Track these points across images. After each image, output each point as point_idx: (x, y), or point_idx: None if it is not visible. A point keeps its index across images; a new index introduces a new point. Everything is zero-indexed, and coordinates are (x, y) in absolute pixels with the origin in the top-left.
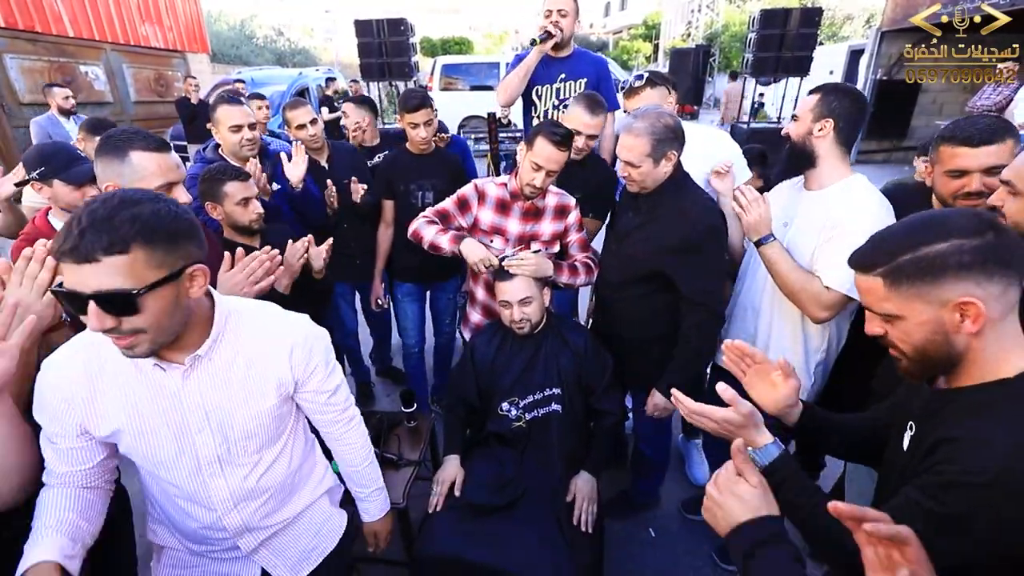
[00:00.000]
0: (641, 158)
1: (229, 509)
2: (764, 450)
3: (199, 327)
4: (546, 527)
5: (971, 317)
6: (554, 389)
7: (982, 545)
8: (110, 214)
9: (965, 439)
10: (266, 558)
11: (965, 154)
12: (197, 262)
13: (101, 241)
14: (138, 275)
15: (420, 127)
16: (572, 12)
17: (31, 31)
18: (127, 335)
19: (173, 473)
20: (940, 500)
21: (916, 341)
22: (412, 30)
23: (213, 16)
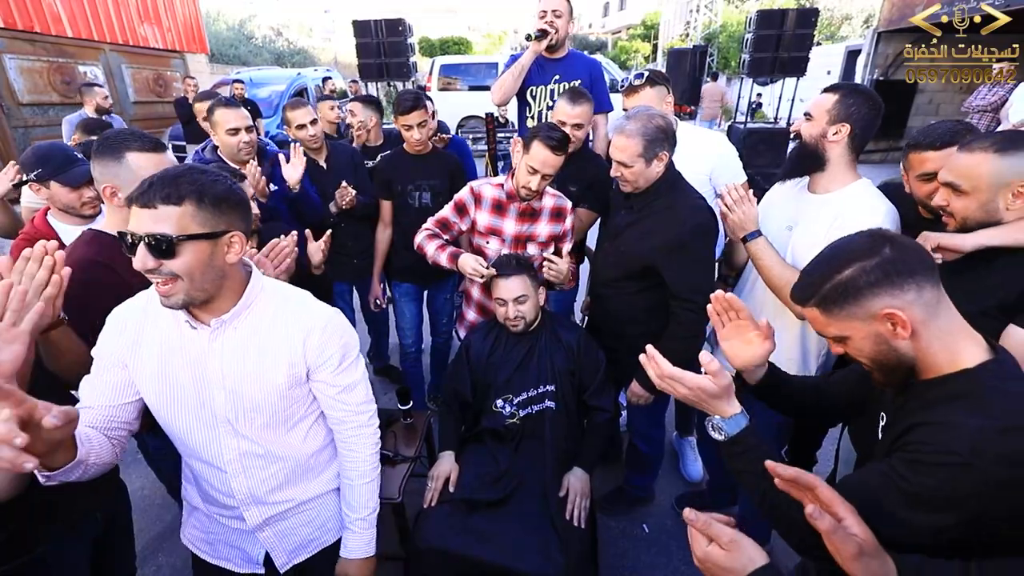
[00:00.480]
0: (633, 158)
1: (238, 472)
2: (733, 420)
3: (231, 293)
4: (539, 522)
5: (900, 324)
6: (548, 386)
7: (950, 520)
8: (177, 174)
9: (936, 423)
10: (269, 539)
11: (931, 158)
12: (241, 231)
13: (162, 192)
14: (182, 225)
15: (414, 129)
16: (566, 13)
17: (30, 31)
18: (166, 279)
19: (193, 428)
20: (907, 478)
21: (868, 354)
22: (410, 30)
23: (212, 16)
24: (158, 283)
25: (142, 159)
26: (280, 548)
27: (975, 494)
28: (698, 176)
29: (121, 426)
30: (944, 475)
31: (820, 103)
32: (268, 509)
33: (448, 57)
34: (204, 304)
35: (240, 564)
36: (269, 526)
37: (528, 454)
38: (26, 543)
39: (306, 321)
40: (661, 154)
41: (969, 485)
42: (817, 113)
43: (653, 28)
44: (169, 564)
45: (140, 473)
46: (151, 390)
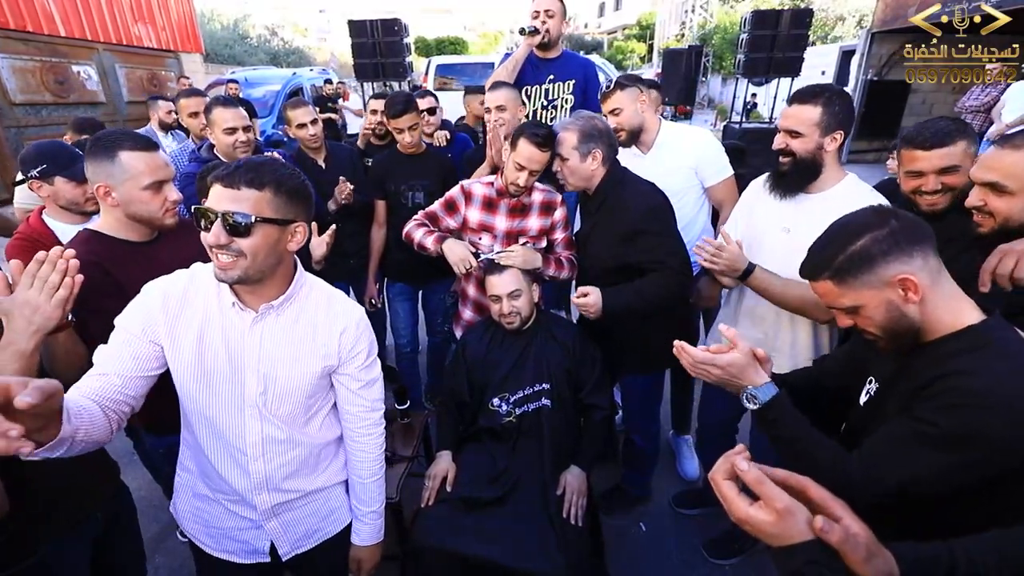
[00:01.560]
0: (568, 151)
1: (258, 455)
2: (763, 389)
3: (281, 281)
4: (536, 520)
5: (911, 289)
6: (544, 384)
7: (975, 465)
8: (261, 163)
9: (958, 372)
10: (275, 529)
11: (920, 157)
12: (305, 223)
13: (246, 176)
14: (259, 209)
15: (405, 132)
16: (559, 13)
17: (23, 31)
18: (232, 255)
19: (221, 409)
20: (937, 423)
21: (880, 322)
22: (406, 30)
23: (206, 16)
24: (222, 259)
25: (135, 158)
26: (285, 538)
27: (1005, 430)
28: (683, 169)
29: (127, 400)
30: (974, 415)
31: (803, 118)
32: (279, 496)
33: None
34: (254, 286)
35: (243, 556)
36: (277, 516)
37: (525, 452)
38: (26, 545)
39: (343, 316)
40: (595, 151)
41: (1000, 423)
42: (805, 129)
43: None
44: (167, 565)
45: (136, 475)
46: (184, 368)
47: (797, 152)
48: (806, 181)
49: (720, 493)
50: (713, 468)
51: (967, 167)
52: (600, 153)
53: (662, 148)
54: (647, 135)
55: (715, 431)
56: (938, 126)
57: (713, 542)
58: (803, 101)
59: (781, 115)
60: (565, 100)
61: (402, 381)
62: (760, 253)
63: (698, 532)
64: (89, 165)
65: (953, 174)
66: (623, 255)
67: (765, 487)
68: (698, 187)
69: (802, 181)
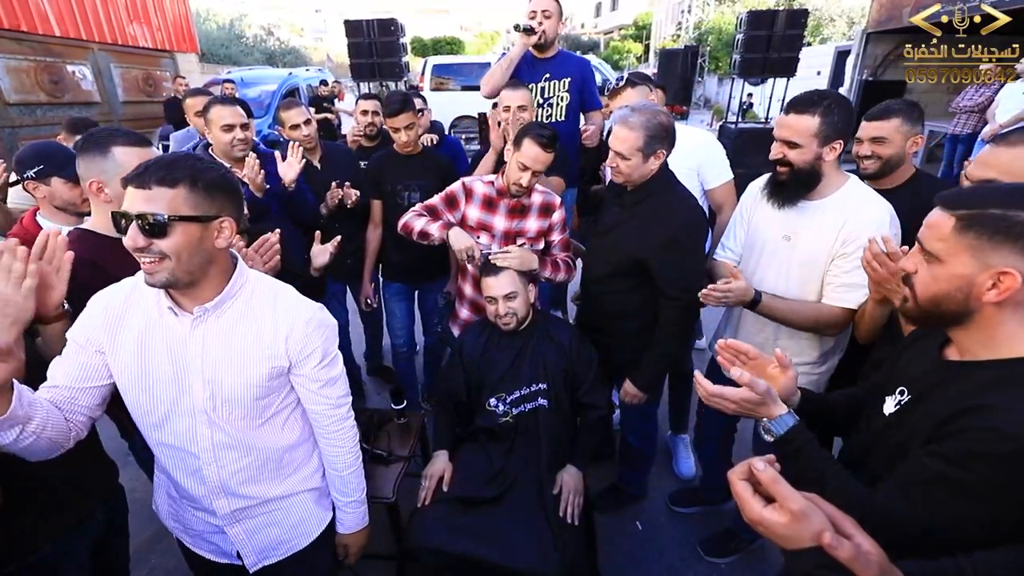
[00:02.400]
0: (632, 151)
1: (210, 460)
2: (779, 420)
3: (216, 280)
4: (533, 519)
5: (1000, 288)
6: (540, 384)
7: (1006, 515)
8: (173, 159)
9: (997, 408)
10: (238, 536)
11: (861, 126)
12: (231, 218)
13: (157, 174)
14: (175, 207)
15: (401, 131)
16: (556, 13)
17: (16, 30)
18: (154, 258)
19: (169, 416)
20: (969, 468)
21: (939, 289)
22: (402, 30)
23: (202, 16)
24: (145, 262)
25: (128, 153)
26: (250, 547)
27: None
28: (685, 170)
29: (82, 410)
30: (1004, 464)
31: (801, 129)
32: (237, 501)
33: (440, 57)
34: (187, 288)
35: (218, 556)
36: (239, 522)
37: (522, 452)
38: (24, 543)
39: (290, 315)
40: (659, 151)
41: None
42: (803, 140)
43: (645, 28)
44: (162, 566)
45: (131, 475)
46: (127, 376)
47: (795, 163)
48: (805, 191)
49: (735, 493)
50: (735, 467)
51: (897, 141)
52: (664, 152)
53: None
54: None
55: (714, 431)
56: (884, 104)
57: (709, 541)
58: (800, 110)
59: (777, 123)
60: (561, 98)
61: (398, 381)
62: (761, 261)
63: (694, 531)
64: (81, 162)
65: (880, 144)
66: (645, 257)
67: (780, 487)
68: (698, 189)
69: (801, 191)
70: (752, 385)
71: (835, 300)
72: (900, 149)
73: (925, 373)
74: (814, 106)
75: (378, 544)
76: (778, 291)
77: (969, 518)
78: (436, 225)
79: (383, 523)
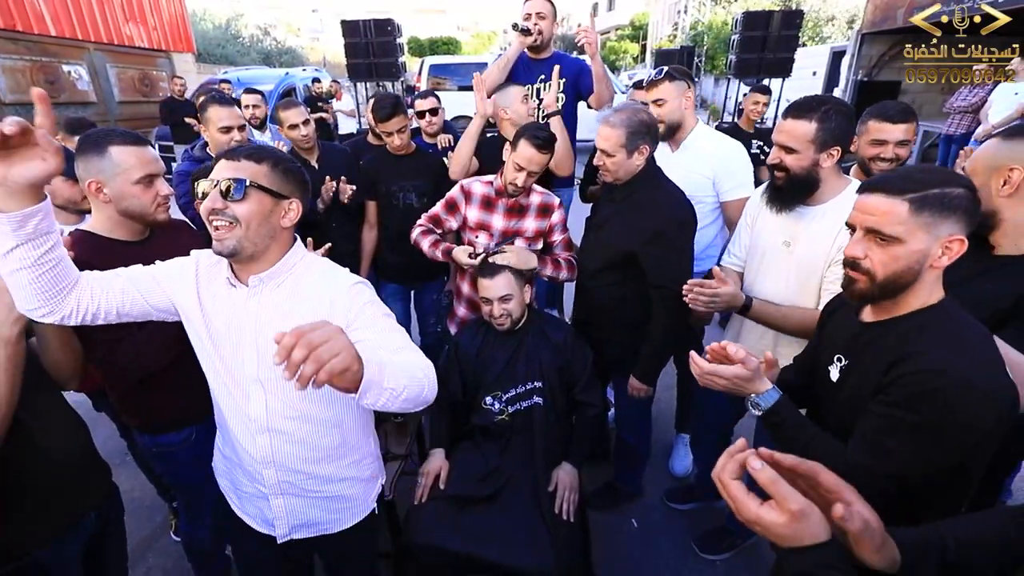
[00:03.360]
0: (615, 148)
1: (262, 429)
2: (766, 395)
3: (275, 256)
4: (528, 516)
5: (951, 253)
6: (536, 383)
7: (950, 450)
8: (264, 146)
9: (921, 352)
10: (279, 508)
11: (886, 129)
12: (300, 202)
13: (247, 151)
14: (256, 177)
15: (394, 135)
16: (550, 15)
17: (12, 30)
18: (227, 223)
19: (228, 383)
20: (916, 409)
21: (898, 267)
22: (399, 30)
23: (198, 15)
24: (217, 227)
25: (125, 152)
26: (285, 520)
27: (968, 409)
28: (700, 178)
29: (104, 295)
30: (941, 400)
31: (798, 135)
32: (285, 474)
33: (437, 57)
34: (249, 261)
35: (259, 523)
36: (284, 495)
37: (517, 450)
38: (21, 545)
39: (334, 285)
40: (642, 147)
41: (963, 406)
42: (799, 145)
43: (642, 29)
44: (159, 566)
45: (128, 475)
46: (195, 332)
47: (791, 168)
48: (802, 196)
49: (728, 493)
50: (717, 467)
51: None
52: (648, 148)
53: (688, 150)
54: (681, 133)
55: (712, 432)
56: (900, 105)
57: (704, 538)
58: (798, 116)
59: (776, 128)
60: (556, 99)
61: None
62: (762, 267)
63: (689, 528)
64: (79, 162)
65: (906, 146)
66: (634, 250)
67: (779, 487)
68: (713, 199)
69: (798, 196)
70: (746, 361)
71: None
72: (910, 151)
73: (854, 337)
74: (811, 112)
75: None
76: (778, 296)
77: (932, 461)
78: (440, 252)
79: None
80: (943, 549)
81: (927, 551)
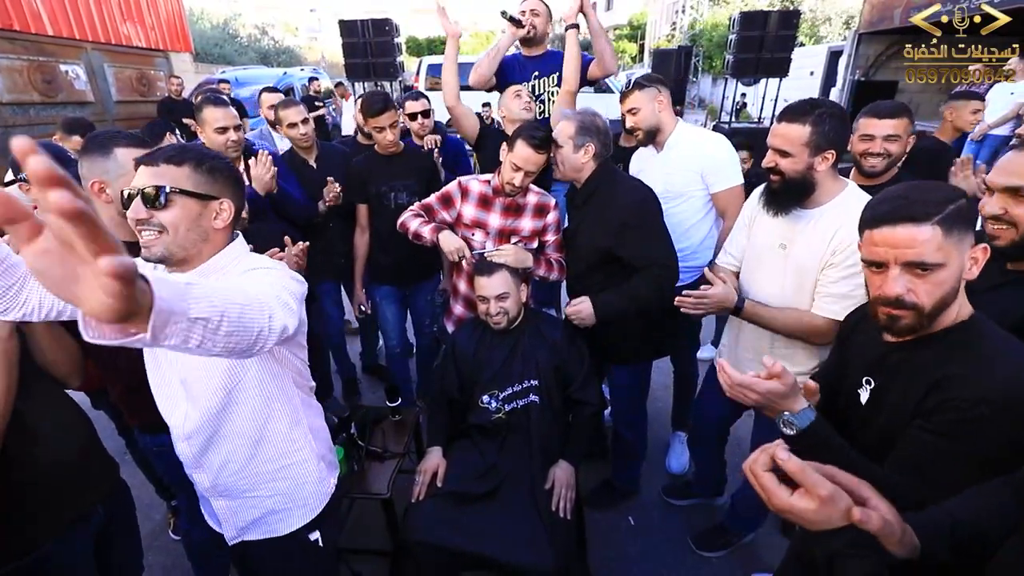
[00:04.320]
0: (564, 139)
1: (185, 435)
2: (801, 415)
3: (206, 258)
4: (526, 514)
5: (977, 263)
6: (532, 381)
7: (999, 471)
8: (184, 146)
9: (963, 376)
10: (222, 510)
11: (873, 124)
12: (231, 202)
13: (167, 154)
14: (177, 182)
15: (386, 130)
16: (544, 14)
17: (9, 29)
18: (154, 231)
19: (156, 387)
20: (961, 437)
21: (943, 292)
22: (397, 30)
23: (195, 15)
24: (144, 236)
25: (130, 154)
26: (231, 522)
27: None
28: (689, 174)
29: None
30: (985, 425)
31: (792, 138)
32: (214, 476)
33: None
34: (179, 264)
35: (215, 524)
36: (222, 497)
37: (514, 448)
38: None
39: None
40: (588, 145)
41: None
42: (794, 149)
43: (640, 29)
44: (160, 564)
45: (127, 473)
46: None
47: (786, 172)
48: (798, 199)
49: (760, 484)
50: (749, 460)
51: (904, 140)
52: (593, 148)
53: (673, 149)
54: (661, 135)
55: (711, 430)
56: (891, 103)
57: (701, 535)
58: (792, 119)
59: (771, 132)
60: (551, 94)
61: (393, 379)
62: (759, 270)
63: (686, 526)
64: (84, 162)
65: (894, 141)
66: (609, 249)
67: (808, 475)
68: (703, 193)
69: (793, 200)
70: (783, 376)
71: (820, 309)
72: (904, 148)
73: (882, 357)
74: (805, 115)
75: (373, 540)
76: (774, 298)
77: (980, 480)
78: (428, 228)
79: (378, 519)
80: (953, 528)
81: (938, 533)
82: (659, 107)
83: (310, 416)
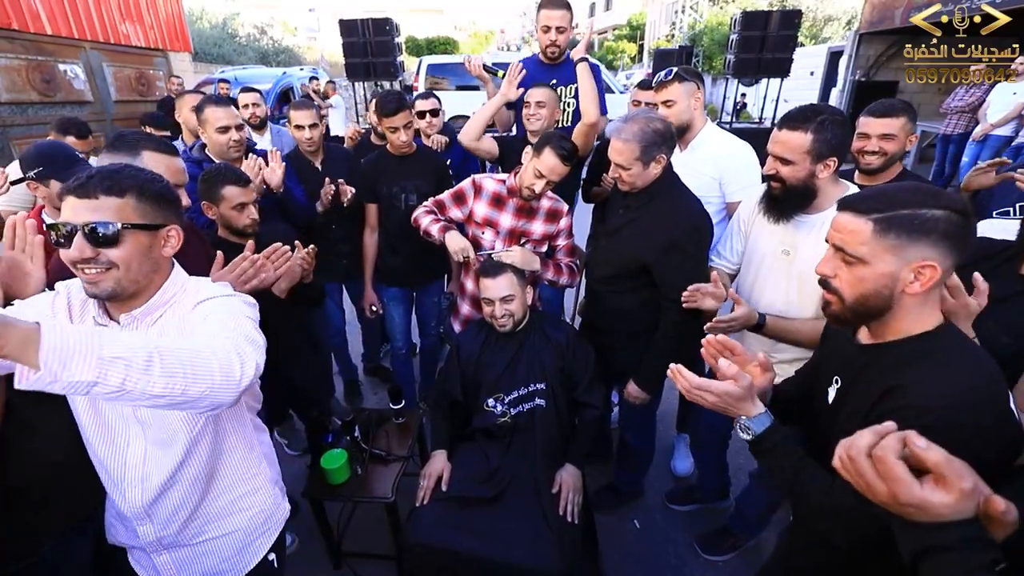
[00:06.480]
0: (631, 162)
1: (137, 481)
2: (758, 419)
3: (155, 289)
4: (531, 517)
5: (923, 280)
6: (538, 384)
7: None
8: (116, 169)
9: (910, 386)
10: (166, 566)
11: (869, 122)
12: (178, 225)
13: (104, 184)
14: (125, 216)
15: (400, 131)
16: (569, 26)
17: (7, 28)
18: (101, 268)
19: (97, 424)
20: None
21: (864, 289)
22: (397, 30)
23: (195, 14)
24: (89, 273)
25: (157, 158)
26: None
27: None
28: (707, 179)
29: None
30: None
31: (794, 146)
32: (162, 526)
33: (435, 57)
34: (129, 299)
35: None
36: (167, 551)
37: (519, 451)
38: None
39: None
40: (659, 157)
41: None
42: (795, 156)
43: (639, 29)
44: None
45: None
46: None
47: (787, 179)
48: (799, 207)
49: (893, 475)
50: (864, 444)
51: (901, 139)
52: (664, 157)
53: (695, 150)
54: (689, 133)
55: (713, 432)
56: (889, 101)
57: (706, 538)
58: (793, 126)
59: (772, 138)
60: (568, 103)
61: (396, 381)
62: (760, 275)
63: (691, 529)
64: (108, 160)
65: (890, 140)
66: (648, 260)
67: (955, 466)
68: (719, 199)
69: (794, 207)
70: (737, 378)
71: None
72: (902, 146)
73: (849, 359)
74: (807, 122)
75: (377, 544)
76: (777, 304)
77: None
78: (436, 226)
79: (382, 522)
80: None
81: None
82: (695, 104)
83: (262, 441)
